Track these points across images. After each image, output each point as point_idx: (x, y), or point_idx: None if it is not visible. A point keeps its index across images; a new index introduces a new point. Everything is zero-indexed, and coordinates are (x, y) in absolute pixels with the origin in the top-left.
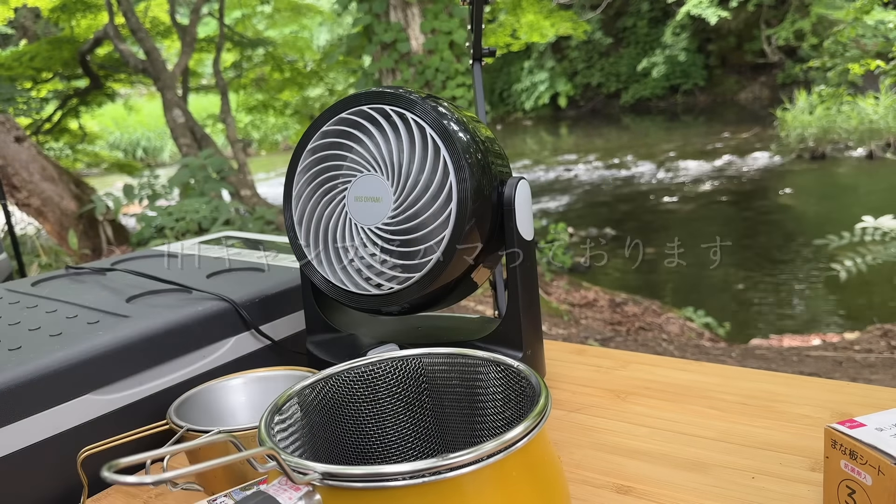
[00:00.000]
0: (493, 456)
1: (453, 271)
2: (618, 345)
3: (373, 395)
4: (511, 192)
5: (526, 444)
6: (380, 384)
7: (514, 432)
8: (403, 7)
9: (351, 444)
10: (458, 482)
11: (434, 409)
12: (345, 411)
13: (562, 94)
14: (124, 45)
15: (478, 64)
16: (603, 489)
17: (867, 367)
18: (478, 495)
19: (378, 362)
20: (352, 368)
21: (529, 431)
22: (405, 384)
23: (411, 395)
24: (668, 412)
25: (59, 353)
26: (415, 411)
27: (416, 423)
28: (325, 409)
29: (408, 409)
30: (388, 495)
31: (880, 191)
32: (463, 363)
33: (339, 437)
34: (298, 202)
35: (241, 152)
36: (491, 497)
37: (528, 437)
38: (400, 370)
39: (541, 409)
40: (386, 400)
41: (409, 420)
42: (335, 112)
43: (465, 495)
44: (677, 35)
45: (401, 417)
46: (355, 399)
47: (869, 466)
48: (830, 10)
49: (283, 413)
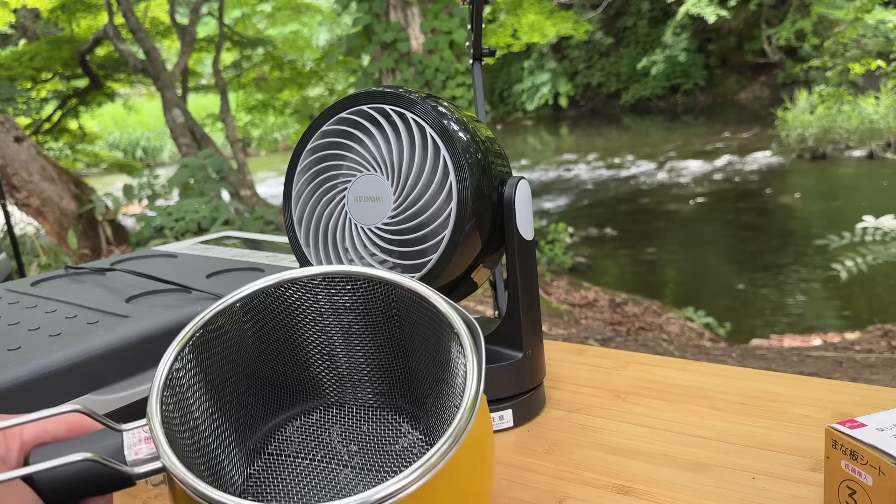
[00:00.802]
0: None
1: (453, 271)
2: (618, 345)
3: (345, 307)
4: (511, 192)
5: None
6: (346, 299)
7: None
8: (403, 7)
9: (315, 359)
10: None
11: (403, 341)
12: (307, 321)
13: (562, 94)
14: (124, 44)
15: (478, 64)
16: (603, 489)
17: (867, 368)
18: None
19: (351, 274)
20: (328, 274)
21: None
22: (376, 306)
23: (380, 319)
24: (668, 412)
25: (59, 353)
26: (382, 337)
27: (380, 350)
28: (281, 318)
29: (374, 334)
30: None
31: (881, 191)
32: (434, 316)
33: (298, 350)
34: (298, 202)
35: (241, 152)
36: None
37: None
38: (373, 291)
39: (458, 430)
40: (358, 313)
41: (373, 346)
42: (335, 112)
43: None
44: (677, 35)
45: (366, 342)
46: (327, 309)
47: (869, 467)
48: (831, 10)
49: (216, 324)
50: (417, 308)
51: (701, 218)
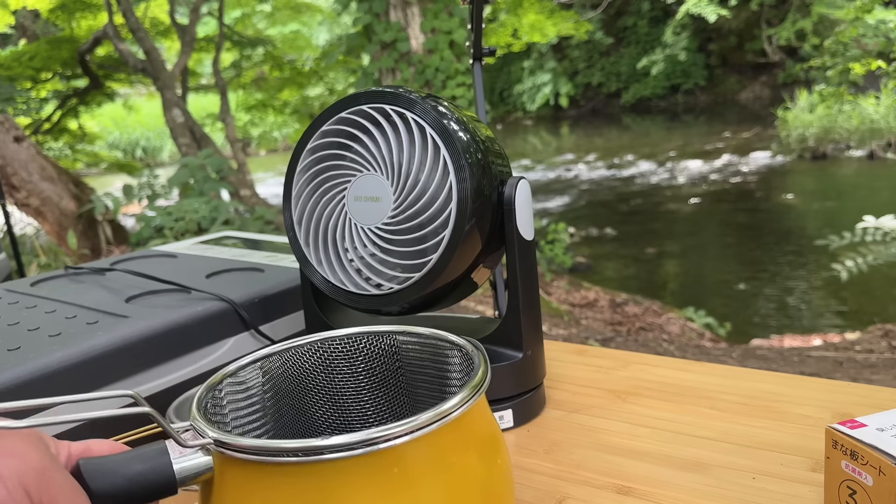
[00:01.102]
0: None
1: (453, 271)
2: (618, 345)
3: (349, 368)
4: (511, 192)
5: (461, 415)
6: (356, 357)
7: (448, 404)
8: (403, 6)
9: (324, 417)
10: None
11: (408, 387)
12: (315, 382)
13: (563, 94)
14: (124, 44)
15: (478, 63)
16: (603, 490)
17: (868, 368)
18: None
19: (354, 335)
20: (327, 339)
21: (464, 403)
22: (379, 359)
23: (386, 371)
24: (668, 412)
25: (58, 354)
26: (389, 387)
27: (390, 398)
28: (293, 379)
29: (382, 385)
30: (278, 470)
31: (881, 191)
32: (434, 344)
33: (309, 408)
34: (298, 202)
35: (241, 152)
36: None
37: (462, 408)
38: (375, 345)
39: (478, 382)
40: (361, 373)
41: (383, 395)
42: (335, 112)
43: (372, 471)
44: (678, 34)
45: (376, 393)
46: (330, 370)
47: (870, 467)
48: (831, 10)
49: (239, 378)
50: (419, 349)
51: (701, 218)
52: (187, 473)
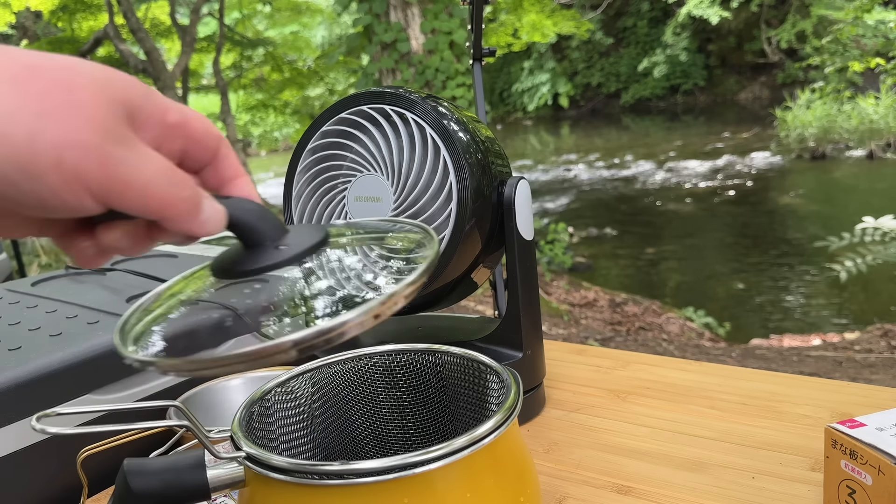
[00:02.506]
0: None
1: (453, 271)
2: (618, 345)
3: (391, 382)
4: (511, 192)
5: (494, 440)
6: (399, 372)
7: (480, 430)
8: (403, 7)
9: (367, 430)
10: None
11: (449, 405)
12: (360, 395)
13: (563, 94)
14: (124, 45)
15: (478, 64)
16: (603, 489)
17: (867, 367)
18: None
19: (400, 351)
20: (375, 353)
21: (497, 428)
22: (422, 376)
23: (428, 388)
24: (668, 412)
25: (59, 353)
26: (431, 405)
27: (432, 417)
28: (339, 391)
29: (424, 402)
30: (308, 491)
31: (881, 191)
32: (473, 366)
33: (353, 422)
34: (298, 202)
35: (241, 152)
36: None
37: (495, 434)
38: (419, 362)
39: (510, 405)
40: (403, 388)
41: (425, 413)
42: (335, 112)
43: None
44: (678, 35)
45: (418, 410)
46: (374, 384)
47: (869, 466)
48: (831, 11)
49: (287, 388)
50: (459, 369)
51: (701, 218)
52: (220, 483)
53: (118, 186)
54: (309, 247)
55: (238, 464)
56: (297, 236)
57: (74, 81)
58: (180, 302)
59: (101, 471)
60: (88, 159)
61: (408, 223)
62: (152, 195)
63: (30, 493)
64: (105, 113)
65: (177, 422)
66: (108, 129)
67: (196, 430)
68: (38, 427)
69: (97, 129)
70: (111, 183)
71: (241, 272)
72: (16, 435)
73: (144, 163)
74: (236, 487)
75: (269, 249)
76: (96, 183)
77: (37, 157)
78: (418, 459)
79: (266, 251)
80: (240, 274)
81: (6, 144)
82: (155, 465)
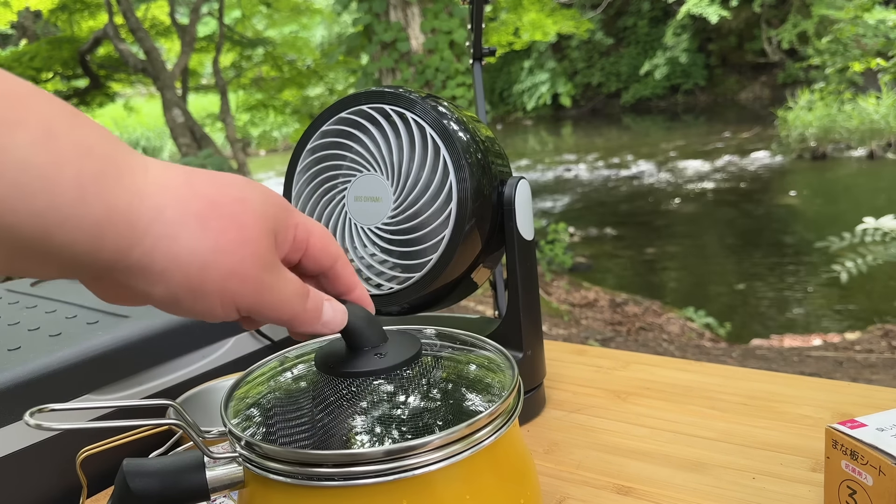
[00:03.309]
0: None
1: (453, 271)
2: (618, 345)
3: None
4: (511, 192)
5: (494, 441)
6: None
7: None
8: (403, 6)
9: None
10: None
11: (450, 405)
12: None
13: (563, 94)
14: (124, 44)
15: (478, 63)
16: (603, 490)
17: (868, 368)
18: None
19: None
20: None
21: (498, 429)
22: (423, 377)
23: (431, 388)
24: (668, 412)
25: (59, 353)
26: (432, 405)
27: (432, 417)
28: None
29: (425, 403)
30: (304, 492)
31: (881, 191)
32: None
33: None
34: (298, 202)
35: (241, 152)
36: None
37: (496, 435)
38: (420, 363)
39: (511, 406)
40: (404, 388)
41: (425, 413)
42: (335, 112)
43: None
44: (678, 35)
45: (417, 410)
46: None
47: (870, 467)
48: (832, 11)
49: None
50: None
51: (701, 218)
52: (219, 483)
53: (263, 306)
54: (405, 360)
55: (238, 464)
56: (396, 345)
57: (245, 220)
58: (287, 391)
59: (100, 471)
60: (246, 287)
61: (488, 344)
62: (286, 311)
63: (29, 493)
64: (265, 247)
65: (173, 421)
66: (265, 261)
67: (190, 431)
68: (32, 423)
69: (257, 262)
70: (259, 304)
71: (343, 373)
72: (15, 435)
73: (286, 286)
74: (236, 488)
75: (370, 356)
76: (246, 303)
77: (205, 283)
78: (418, 461)
79: (367, 357)
80: (342, 375)
81: (183, 274)
82: (154, 465)
